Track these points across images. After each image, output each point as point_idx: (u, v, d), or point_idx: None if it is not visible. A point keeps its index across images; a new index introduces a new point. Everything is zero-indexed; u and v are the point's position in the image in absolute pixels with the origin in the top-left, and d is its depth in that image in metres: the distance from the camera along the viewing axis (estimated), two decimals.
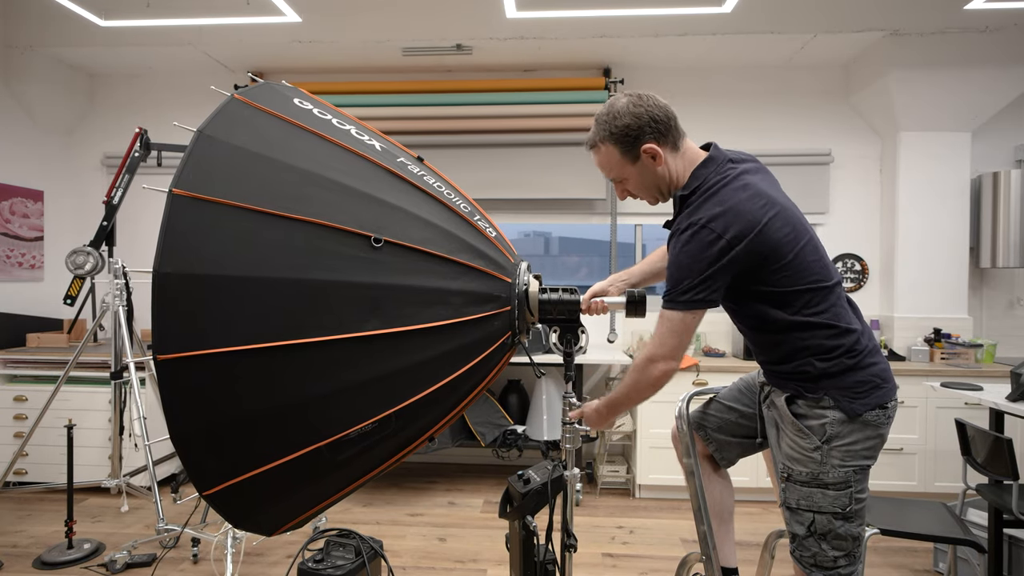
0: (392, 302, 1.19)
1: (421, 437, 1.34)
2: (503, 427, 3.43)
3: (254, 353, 1.08)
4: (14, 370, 3.34)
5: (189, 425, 1.08)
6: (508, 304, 1.39)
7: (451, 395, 1.31)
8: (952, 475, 3.13)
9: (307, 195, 1.15)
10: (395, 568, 2.46)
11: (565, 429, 1.54)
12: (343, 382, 1.15)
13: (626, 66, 3.80)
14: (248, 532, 1.27)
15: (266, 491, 1.19)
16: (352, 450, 1.21)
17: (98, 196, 4.03)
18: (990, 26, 3.23)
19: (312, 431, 1.16)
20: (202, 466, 1.12)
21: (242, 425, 1.11)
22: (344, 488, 1.30)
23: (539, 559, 1.47)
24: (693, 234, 1.29)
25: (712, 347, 3.68)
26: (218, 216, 1.08)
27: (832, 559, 1.33)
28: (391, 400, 1.21)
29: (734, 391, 1.67)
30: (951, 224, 3.49)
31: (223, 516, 1.20)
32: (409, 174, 1.31)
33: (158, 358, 1.04)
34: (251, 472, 1.14)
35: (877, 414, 1.32)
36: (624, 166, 1.41)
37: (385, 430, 1.23)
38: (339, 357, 1.14)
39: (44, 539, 2.72)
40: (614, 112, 1.37)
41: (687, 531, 2.87)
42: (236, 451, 1.13)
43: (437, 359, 1.25)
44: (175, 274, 1.04)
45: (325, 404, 1.15)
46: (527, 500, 1.41)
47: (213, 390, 1.08)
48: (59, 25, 3.40)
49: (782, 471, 1.40)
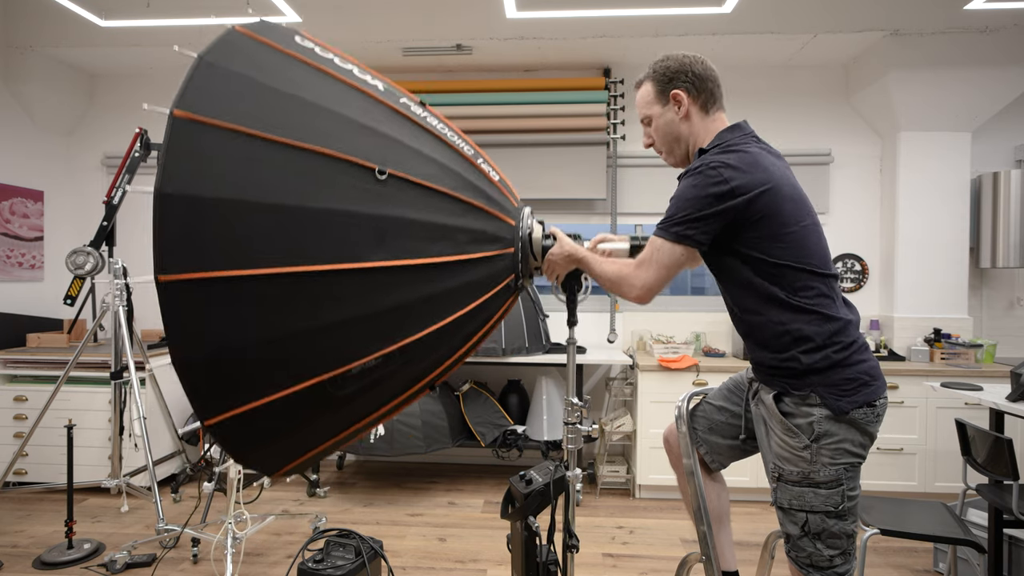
0: (397, 235, 1.18)
1: (423, 380, 1.32)
2: (503, 427, 3.43)
3: (256, 279, 1.07)
4: (14, 370, 3.34)
5: (190, 350, 1.07)
6: (512, 246, 1.39)
7: (454, 336, 1.30)
8: (952, 475, 3.13)
9: (311, 125, 1.13)
10: (395, 568, 2.46)
11: (567, 429, 1.53)
12: (347, 314, 1.14)
13: (626, 66, 3.80)
14: (251, 470, 1.26)
15: (268, 426, 1.17)
16: (354, 386, 1.19)
17: (98, 196, 4.03)
18: (990, 26, 3.23)
19: (315, 363, 1.15)
20: (203, 393, 1.11)
21: (244, 353, 1.09)
22: (345, 430, 1.28)
23: (541, 559, 1.46)
24: (701, 171, 1.33)
25: (712, 347, 3.68)
26: (220, 139, 1.06)
27: (828, 558, 1.32)
28: (394, 336, 1.20)
29: (723, 391, 1.66)
30: (951, 224, 3.49)
31: (225, 450, 1.18)
32: (412, 114, 1.31)
33: (159, 279, 1.02)
34: (253, 403, 1.12)
35: (865, 412, 1.30)
36: (652, 105, 1.49)
37: (388, 367, 1.21)
38: (343, 288, 1.13)
39: (44, 539, 2.72)
40: (666, 56, 1.48)
41: (687, 531, 2.87)
42: (238, 380, 1.11)
43: (441, 296, 1.24)
44: (176, 195, 1.03)
45: (328, 336, 1.14)
46: (529, 501, 1.41)
47: (215, 315, 1.06)
48: (59, 25, 3.40)
49: (772, 471, 1.39)
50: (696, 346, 3.67)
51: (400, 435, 3.16)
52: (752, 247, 1.33)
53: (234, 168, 1.06)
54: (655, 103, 1.48)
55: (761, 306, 1.35)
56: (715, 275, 1.48)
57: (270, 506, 3.14)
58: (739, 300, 1.42)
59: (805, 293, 1.32)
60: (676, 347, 3.41)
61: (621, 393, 3.63)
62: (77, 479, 3.16)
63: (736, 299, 1.43)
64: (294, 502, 3.22)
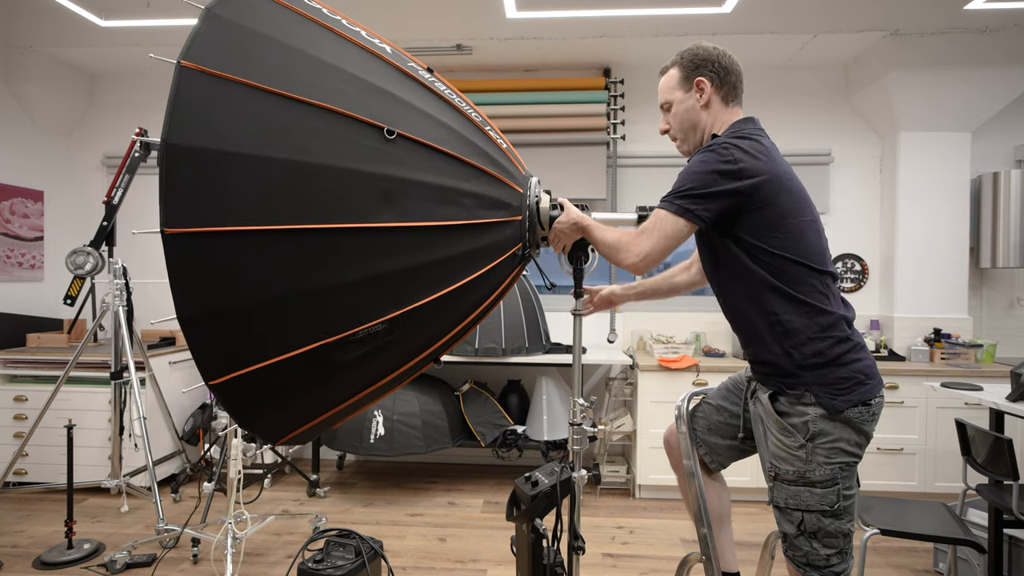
0: (404, 196, 1.16)
1: (429, 350, 1.31)
2: (503, 427, 3.43)
3: (262, 235, 1.05)
4: (14, 370, 3.34)
5: (193, 305, 1.05)
6: (519, 214, 1.38)
7: (460, 304, 1.29)
8: (952, 475, 3.13)
9: (319, 82, 1.12)
10: (395, 568, 2.46)
11: (573, 431, 1.53)
12: (352, 275, 1.13)
13: (626, 66, 3.80)
14: (255, 434, 1.25)
15: (273, 388, 1.16)
16: (359, 351, 1.18)
17: (98, 196, 4.03)
18: (990, 26, 3.23)
19: (320, 325, 1.13)
20: (207, 352, 1.09)
21: (247, 312, 1.08)
22: (349, 398, 1.27)
23: (548, 561, 1.46)
24: (713, 149, 1.35)
25: (712, 347, 3.68)
26: (227, 92, 1.05)
27: (824, 557, 1.32)
28: (400, 300, 1.19)
29: (722, 391, 1.66)
30: (951, 224, 3.49)
31: (229, 412, 1.17)
32: (421, 77, 1.30)
33: (165, 231, 1.01)
34: (258, 364, 1.11)
35: (860, 411, 1.30)
36: (675, 90, 1.50)
37: (393, 333, 1.20)
38: (348, 248, 1.12)
39: (44, 539, 2.72)
40: (696, 45, 1.49)
41: (687, 531, 2.87)
42: (242, 339, 1.10)
43: (447, 261, 1.23)
44: (183, 146, 1.02)
45: (333, 297, 1.12)
46: (536, 503, 1.40)
47: (219, 270, 1.05)
48: (59, 25, 3.40)
49: (769, 470, 1.40)
50: (696, 346, 3.67)
51: (400, 435, 3.16)
52: (751, 234, 1.33)
53: (240, 122, 1.05)
54: (678, 88, 1.49)
55: (754, 294, 1.36)
56: (709, 266, 1.49)
57: (270, 506, 3.14)
58: (731, 289, 1.42)
59: (799, 286, 1.33)
60: (676, 347, 3.41)
61: (621, 393, 3.63)
62: (77, 479, 3.16)
63: (729, 289, 1.43)
64: (294, 502, 3.22)
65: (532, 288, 3.53)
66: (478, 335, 3.24)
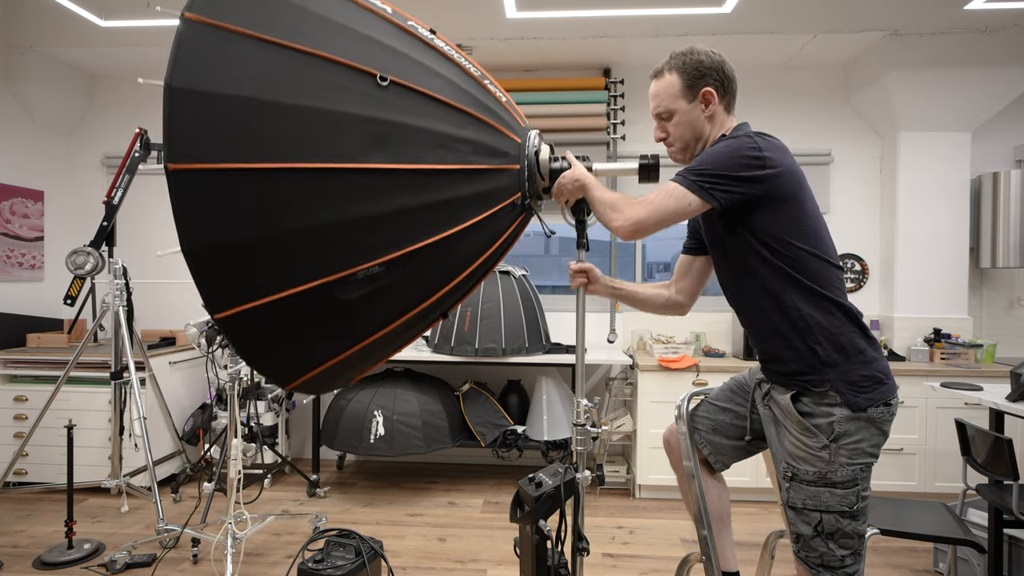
0: (396, 140, 1.21)
1: (433, 297, 1.33)
2: (503, 427, 3.43)
3: (258, 173, 1.12)
4: (14, 370, 3.34)
5: (195, 238, 1.11)
6: (517, 163, 1.39)
7: (458, 250, 1.32)
8: (952, 475, 3.13)
9: (315, 32, 1.18)
10: (395, 568, 2.46)
11: (577, 431, 1.52)
12: (348, 214, 1.18)
13: (626, 66, 3.80)
14: (263, 374, 1.30)
15: (278, 327, 1.21)
16: (360, 291, 1.22)
17: (98, 196, 4.03)
18: (990, 26, 3.23)
19: (320, 263, 1.18)
20: (212, 285, 1.15)
21: (248, 247, 1.14)
22: (356, 344, 1.30)
23: (552, 563, 1.45)
24: (739, 139, 1.34)
25: (712, 347, 3.68)
26: (226, 41, 1.12)
27: (840, 558, 1.32)
28: (398, 241, 1.23)
29: (726, 391, 1.65)
30: (951, 224, 3.49)
31: (235, 349, 1.21)
32: (420, 34, 1.33)
33: (168, 167, 1.08)
34: (259, 300, 1.16)
35: (882, 411, 1.32)
36: (678, 99, 1.45)
37: (392, 275, 1.24)
38: (344, 187, 1.17)
39: (44, 539, 2.72)
40: (693, 50, 1.44)
41: (687, 531, 2.87)
42: (243, 275, 1.15)
43: (443, 205, 1.26)
44: (185, 89, 1.09)
45: (331, 236, 1.18)
46: (540, 504, 1.39)
47: (219, 205, 1.11)
48: (59, 25, 3.40)
49: (785, 470, 1.38)
50: (696, 346, 3.67)
51: (400, 435, 3.16)
52: (773, 227, 1.34)
53: (239, 67, 1.12)
54: (681, 98, 1.45)
55: (773, 290, 1.36)
56: (722, 261, 1.47)
57: (270, 506, 3.14)
58: (747, 285, 1.41)
59: (819, 280, 1.34)
60: (676, 347, 3.41)
61: (621, 393, 3.63)
62: (77, 479, 3.15)
63: (744, 285, 1.42)
64: (294, 502, 3.22)
65: (532, 288, 3.53)
66: (478, 335, 3.25)
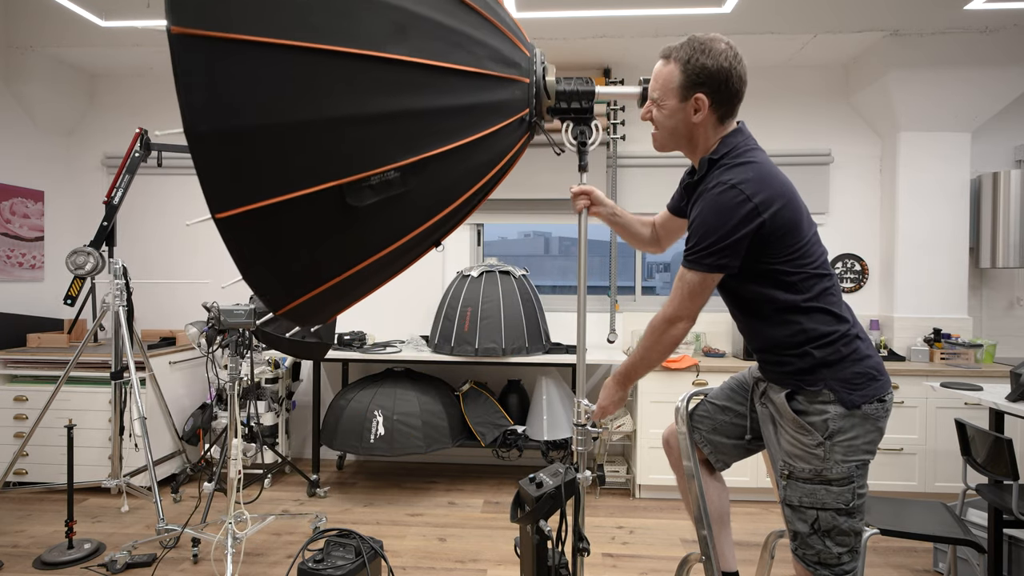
0: (417, 33, 1.16)
1: (442, 212, 1.30)
2: (503, 427, 3.43)
3: (269, 48, 1.03)
4: (14, 370, 3.34)
5: (198, 120, 1.03)
6: (527, 76, 1.39)
7: (470, 162, 1.29)
8: (952, 475, 3.13)
9: None
10: (395, 568, 2.46)
11: (577, 431, 1.52)
12: (362, 109, 1.12)
13: (626, 66, 3.80)
14: (260, 295, 1.22)
15: (283, 232, 1.14)
16: (372, 199, 1.17)
17: (98, 196, 4.04)
18: (990, 26, 3.23)
19: (331, 162, 1.12)
20: (215, 178, 1.06)
21: (253, 135, 1.06)
22: (362, 260, 1.26)
23: (552, 563, 1.45)
24: (722, 193, 1.30)
25: (712, 347, 3.68)
26: None
27: (836, 555, 1.33)
28: (413, 147, 1.19)
29: (725, 390, 1.66)
30: (951, 224, 3.49)
31: (238, 255, 1.13)
32: None
33: (172, 30, 0.99)
34: (266, 200, 1.09)
35: (876, 407, 1.33)
36: (671, 93, 1.40)
37: (407, 183, 1.20)
38: (358, 75, 1.11)
39: (44, 539, 2.72)
40: (707, 48, 1.35)
41: (687, 531, 2.87)
42: (248, 168, 1.07)
43: (458, 111, 1.23)
44: None
45: (343, 132, 1.11)
46: (541, 504, 1.40)
47: (224, 79, 1.03)
48: (59, 25, 3.41)
49: (782, 468, 1.39)
50: (696, 346, 3.67)
51: (400, 435, 3.16)
52: (774, 261, 1.33)
53: None
54: (673, 95, 1.39)
55: (777, 314, 1.37)
56: (726, 296, 1.48)
57: (270, 506, 3.14)
58: (755, 314, 1.42)
59: (819, 297, 1.35)
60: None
61: None
62: (77, 479, 3.16)
63: (751, 313, 1.43)
64: (294, 502, 3.22)
65: (532, 288, 3.53)
66: (478, 335, 3.25)
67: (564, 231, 5.25)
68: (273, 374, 3.50)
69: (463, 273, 3.50)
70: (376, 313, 3.96)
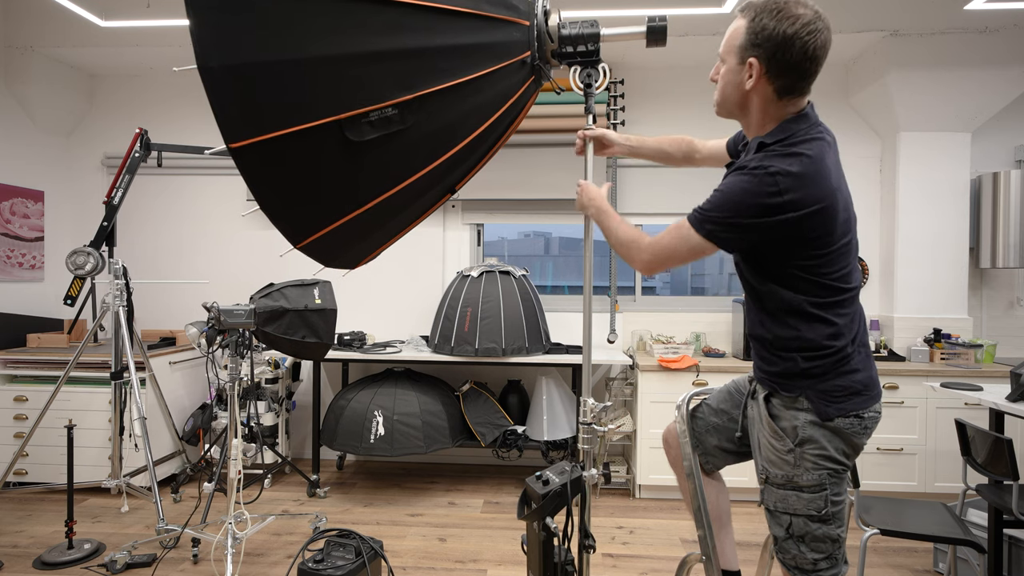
0: None
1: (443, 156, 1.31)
2: (503, 427, 3.43)
3: None
4: (14, 370, 3.34)
5: (211, 55, 1.10)
6: (527, 19, 1.39)
7: (469, 103, 1.31)
8: (952, 475, 3.13)
9: None
10: (395, 568, 2.46)
11: (583, 430, 1.53)
12: (365, 46, 1.16)
13: (626, 66, 3.80)
14: (275, 222, 1.27)
15: (288, 163, 1.19)
16: (372, 134, 1.21)
17: (98, 196, 4.04)
18: (990, 26, 3.23)
19: (332, 98, 1.17)
20: (226, 109, 1.13)
21: (262, 69, 1.12)
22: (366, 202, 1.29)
23: (559, 560, 1.46)
24: (758, 176, 1.20)
25: (712, 347, 3.68)
26: None
27: (812, 562, 1.32)
28: (409, 85, 1.22)
29: (723, 393, 1.65)
30: (951, 224, 3.49)
31: (252, 185, 1.19)
32: None
33: None
34: (273, 133, 1.15)
35: (851, 422, 1.27)
36: (732, 51, 1.30)
37: (405, 120, 1.22)
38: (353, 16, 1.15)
39: (44, 539, 2.72)
40: (778, 9, 1.23)
41: (687, 531, 2.87)
42: (257, 101, 1.14)
43: (453, 51, 1.25)
44: None
45: (346, 67, 1.16)
46: (547, 501, 1.40)
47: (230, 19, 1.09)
48: (59, 25, 3.40)
49: (760, 472, 1.40)
50: (696, 346, 3.67)
51: (400, 435, 3.16)
52: (790, 260, 1.26)
53: None
54: (733, 54, 1.30)
55: (779, 312, 1.33)
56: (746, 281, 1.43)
57: (270, 506, 3.14)
58: (759, 297, 1.38)
59: (825, 307, 1.28)
60: (676, 347, 3.41)
61: (621, 393, 3.63)
62: (77, 479, 3.16)
63: (756, 295, 1.39)
64: (294, 502, 3.22)
65: (532, 288, 3.53)
66: (478, 335, 3.25)
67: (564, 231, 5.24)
68: (273, 374, 3.50)
69: (463, 273, 3.50)
70: (376, 313, 3.96)
